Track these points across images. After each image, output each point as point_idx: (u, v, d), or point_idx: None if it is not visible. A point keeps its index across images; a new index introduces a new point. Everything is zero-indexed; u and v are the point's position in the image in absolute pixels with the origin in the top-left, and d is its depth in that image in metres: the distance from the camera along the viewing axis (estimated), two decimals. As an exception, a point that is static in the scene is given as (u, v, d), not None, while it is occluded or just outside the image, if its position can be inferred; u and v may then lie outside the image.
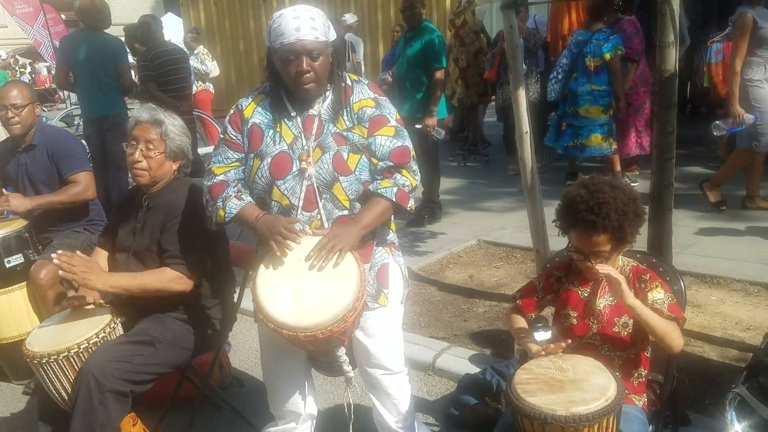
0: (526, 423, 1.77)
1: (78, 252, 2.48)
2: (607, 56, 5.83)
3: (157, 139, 2.58)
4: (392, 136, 2.17)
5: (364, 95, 2.21)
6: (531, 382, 1.84)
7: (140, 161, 2.57)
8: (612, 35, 5.86)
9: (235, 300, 2.89)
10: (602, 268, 1.92)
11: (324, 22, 2.09)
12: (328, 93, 2.20)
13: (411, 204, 2.21)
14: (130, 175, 2.78)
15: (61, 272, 2.37)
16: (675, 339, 1.98)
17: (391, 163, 2.15)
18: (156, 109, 2.64)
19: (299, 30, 2.02)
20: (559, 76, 6.09)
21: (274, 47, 2.08)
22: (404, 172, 2.17)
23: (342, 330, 1.96)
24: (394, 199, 2.12)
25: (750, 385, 2.26)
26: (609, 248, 1.99)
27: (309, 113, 2.18)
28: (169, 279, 2.51)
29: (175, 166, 2.67)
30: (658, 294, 2.02)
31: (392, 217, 2.33)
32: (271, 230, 2.07)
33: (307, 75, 2.08)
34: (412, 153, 2.21)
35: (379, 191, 2.13)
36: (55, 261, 2.33)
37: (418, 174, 2.23)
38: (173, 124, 2.63)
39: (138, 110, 2.66)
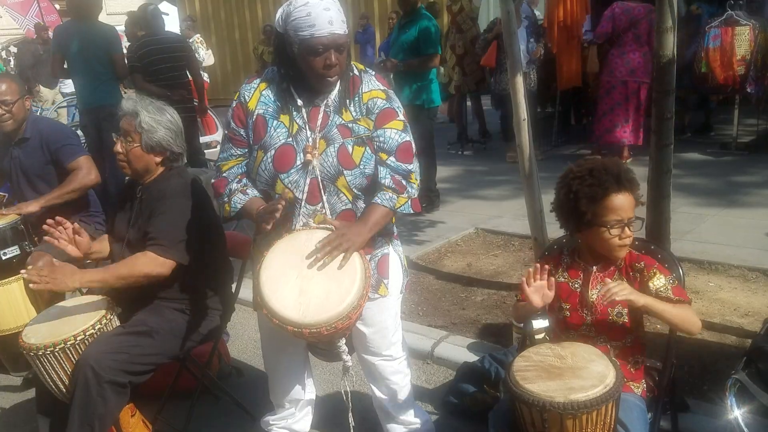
0: (525, 410, 1.76)
1: (46, 257, 2.43)
2: None
3: (134, 132, 2.51)
4: (401, 131, 2.15)
5: (374, 86, 2.17)
6: (530, 369, 1.84)
7: (120, 153, 2.55)
8: None
9: (233, 290, 2.88)
10: (608, 292, 1.89)
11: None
12: (336, 83, 2.15)
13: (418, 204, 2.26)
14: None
15: (31, 285, 2.29)
16: (692, 323, 1.98)
17: (402, 172, 2.14)
18: (137, 100, 2.56)
19: (332, 23, 1.97)
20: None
21: (299, 37, 1.99)
22: (412, 177, 2.17)
23: (346, 326, 1.97)
24: (411, 211, 2.18)
25: (749, 371, 2.27)
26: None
27: (315, 104, 2.14)
28: (143, 262, 2.43)
29: (157, 160, 2.57)
30: (659, 281, 2.00)
31: None
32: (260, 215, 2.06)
33: (335, 68, 2.04)
34: (414, 150, 2.20)
35: (397, 210, 2.14)
36: (26, 277, 2.30)
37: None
38: (151, 116, 2.51)
39: (123, 100, 2.61)
